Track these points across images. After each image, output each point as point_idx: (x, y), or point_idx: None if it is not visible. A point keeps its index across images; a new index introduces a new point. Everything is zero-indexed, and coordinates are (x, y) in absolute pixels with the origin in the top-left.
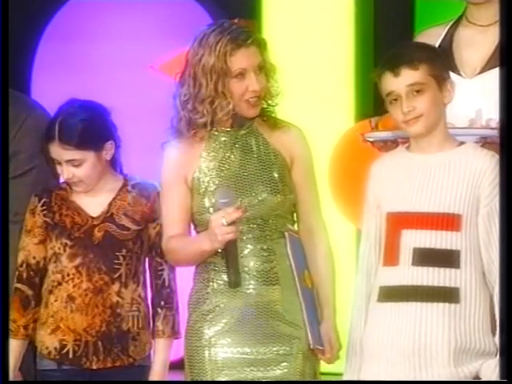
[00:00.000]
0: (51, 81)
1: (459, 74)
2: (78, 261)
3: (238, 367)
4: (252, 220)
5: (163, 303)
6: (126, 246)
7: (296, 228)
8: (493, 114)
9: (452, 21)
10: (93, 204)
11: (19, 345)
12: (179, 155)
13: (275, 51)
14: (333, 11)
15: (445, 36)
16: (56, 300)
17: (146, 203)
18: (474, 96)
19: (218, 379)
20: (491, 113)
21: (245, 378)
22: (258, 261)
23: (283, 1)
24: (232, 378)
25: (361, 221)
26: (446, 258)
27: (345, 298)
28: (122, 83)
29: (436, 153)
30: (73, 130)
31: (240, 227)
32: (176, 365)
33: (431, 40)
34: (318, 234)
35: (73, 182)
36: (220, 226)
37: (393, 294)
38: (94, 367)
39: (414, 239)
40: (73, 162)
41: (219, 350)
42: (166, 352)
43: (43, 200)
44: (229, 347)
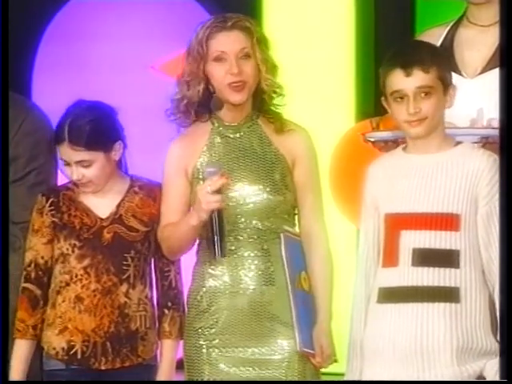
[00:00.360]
0: (52, 81)
1: (460, 74)
2: (87, 262)
3: (235, 367)
4: (249, 219)
5: (170, 304)
6: (135, 248)
7: (296, 230)
8: (494, 114)
9: (453, 21)
10: (101, 205)
11: (28, 346)
12: (181, 148)
13: (275, 51)
14: (333, 11)
15: (446, 36)
16: (64, 301)
17: (154, 204)
18: (476, 96)
19: (216, 379)
20: (492, 113)
21: (242, 378)
22: (254, 261)
23: (283, 1)
24: (229, 378)
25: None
26: (446, 258)
27: (345, 299)
28: (123, 84)
29: (433, 153)
30: (82, 131)
31: (237, 226)
32: (176, 365)
33: (432, 40)
34: (317, 238)
35: (82, 183)
36: (205, 194)
37: (393, 295)
38: (103, 368)
39: (414, 240)
40: (82, 163)
41: (216, 350)
42: (173, 352)
43: (51, 200)
44: (226, 347)
